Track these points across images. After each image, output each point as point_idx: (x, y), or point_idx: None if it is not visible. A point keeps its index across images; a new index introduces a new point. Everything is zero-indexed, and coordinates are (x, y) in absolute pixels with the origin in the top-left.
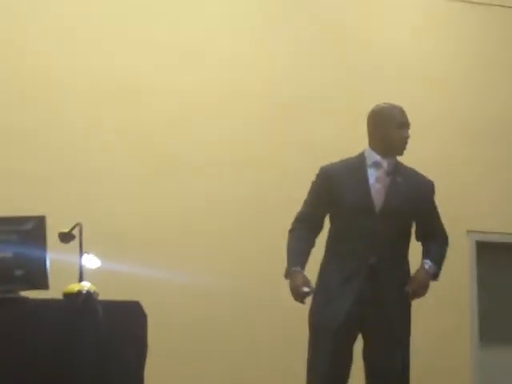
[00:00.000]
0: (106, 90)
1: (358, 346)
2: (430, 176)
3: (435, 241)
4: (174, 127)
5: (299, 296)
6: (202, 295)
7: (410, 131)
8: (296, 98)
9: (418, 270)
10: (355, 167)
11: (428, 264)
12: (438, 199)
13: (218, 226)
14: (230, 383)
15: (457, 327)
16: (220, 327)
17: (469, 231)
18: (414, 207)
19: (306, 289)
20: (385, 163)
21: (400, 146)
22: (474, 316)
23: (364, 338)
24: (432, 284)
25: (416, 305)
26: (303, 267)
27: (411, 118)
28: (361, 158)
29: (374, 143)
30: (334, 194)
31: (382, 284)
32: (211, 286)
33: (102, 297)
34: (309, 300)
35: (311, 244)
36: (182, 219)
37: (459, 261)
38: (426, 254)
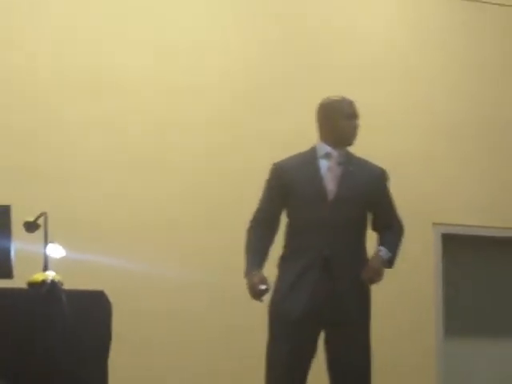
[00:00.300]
0: (75, 81)
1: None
2: (397, 169)
3: (390, 230)
4: (141, 118)
5: (256, 294)
6: (170, 285)
7: (360, 121)
8: (258, 90)
9: (372, 257)
10: (307, 160)
11: (382, 251)
12: (404, 192)
13: (186, 217)
14: (201, 373)
15: (422, 319)
16: (191, 317)
17: (434, 224)
18: (367, 196)
19: (262, 286)
20: (335, 153)
21: (350, 136)
22: (439, 308)
23: (324, 330)
24: (397, 276)
25: (381, 297)
26: (261, 266)
27: (377, 111)
28: (312, 151)
29: (324, 135)
30: (288, 188)
31: (338, 275)
32: (179, 275)
33: (66, 286)
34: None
35: (269, 242)
36: (148, 209)
37: (425, 253)
38: (380, 242)
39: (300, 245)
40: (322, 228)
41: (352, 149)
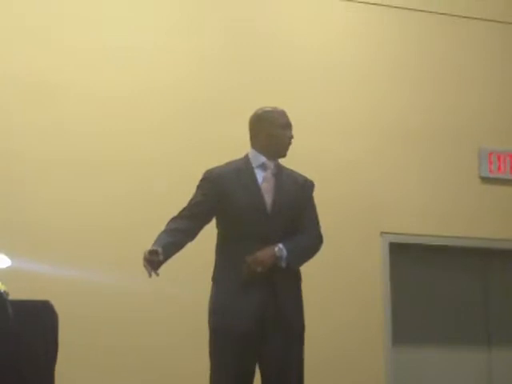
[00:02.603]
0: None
1: None
2: (345, 178)
3: (303, 235)
4: (87, 122)
5: (145, 258)
6: (116, 294)
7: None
8: (205, 98)
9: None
10: (242, 169)
11: (278, 247)
12: (353, 201)
13: (133, 223)
14: (151, 379)
15: (370, 328)
16: (140, 324)
17: (382, 233)
18: (298, 206)
19: (153, 247)
20: (271, 165)
21: (284, 146)
22: (388, 317)
23: (261, 338)
24: (345, 284)
25: (329, 305)
26: (164, 249)
27: (327, 118)
28: (246, 160)
29: (258, 146)
30: (223, 197)
31: (279, 284)
32: (127, 283)
33: (12, 296)
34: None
35: (186, 237)
36: (92, 217)
37: (373, 262)
38: (284, 240)
39: (238, 255)
40: (262, 237)
41: (303, 155)
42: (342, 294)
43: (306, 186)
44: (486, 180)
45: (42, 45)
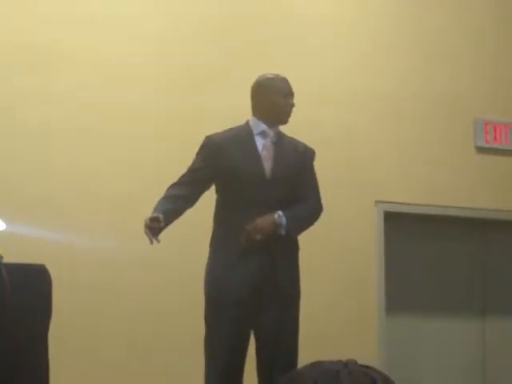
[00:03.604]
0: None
1: None
2: (339, 147)
3: (303, 204)
4: (78, 87)
5: (145, 225)
6: (110, 259)
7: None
8: (203, 66)
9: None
10: (242, 136)
11: (278, 214)
12: (347, 170)
13: (120, 193)
14: (143, 346)
15: (364, 296)
16: (133, 291)
17: (377, 201)
18: (297, 175)
19: (154, 214)
20: (271, 132)
21: (285, 114)
22: (381, 285)
23: (257, 308)
24: (340, 252)
25: (324, 273)
26: (165, 215)
27: (325, 87)
28: (247, 127)
29: (259, 113)
30: (223, 163)
31: (277, 252)
32: (119, 249)
33: (6, 260)
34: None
35: (185, 204)
36: (90, 182)
37: (367, 231)
38: (285, 208)
39: (236, 222)
40: (260, 206)
41: (299, 124)
42: (336, 262)
43: (307, 154)
44: (481, 150)
45: (32, 9)
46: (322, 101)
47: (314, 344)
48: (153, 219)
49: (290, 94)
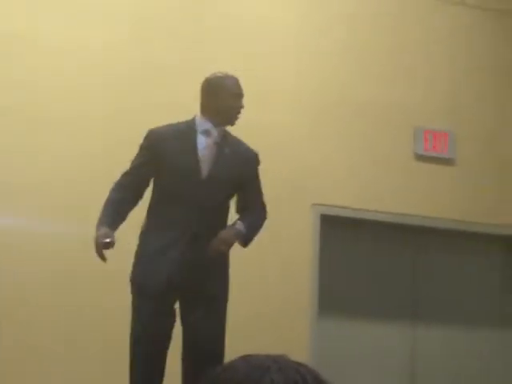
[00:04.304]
0: None
1: None
2: (279, 148)
3: (252, 211)
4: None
5: (98, 247)
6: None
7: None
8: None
9: (225, 229)
10: (185, 132)
11: (238, 224)
12: (285, 172)
13: (80, 178)
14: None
15: (297, 299)
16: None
17: (313, 204)
18: (238, 178)
19: (106, 239)
20: (215, 132)
21: (233, 116)
22: (315, 289)
23: (181, 302)
24: (275, 255)
25: (258, 275)
26: (112, 226)
27: (262, 87)
28: (191, 124)
29: (206, 111)
30: (161, 157)
31: (201, 251)
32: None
33: None
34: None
35: (128, 206)
36: (41, 168)
37: (303, 233)
38: (239, 219)
39: (165, 218)
40: (192, 203)
41: (244, 124)
42: (271, 264)
43: (251, 158)
44: (420, 157)
45: None
46: (262, 103)
47: (246, 344)
48: (106, 244)
49: (239, 94)
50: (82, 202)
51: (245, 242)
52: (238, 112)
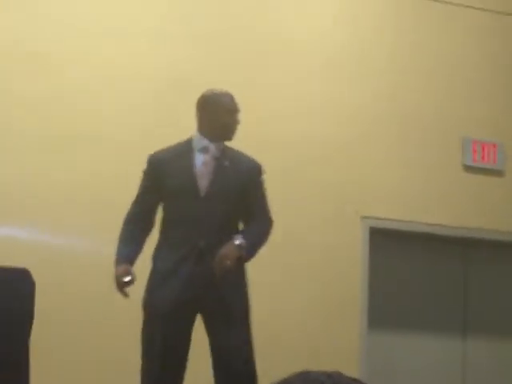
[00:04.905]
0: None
1: None
2: (325, 159)
3: (255, 222)
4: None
5: (119, 285)
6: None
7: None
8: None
9: (226, 244)
10: (183, 152)
11: (237, 238)
12: (334, 184)
13: (109, 192)
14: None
15: (346, 312)
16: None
17: (363, 217)
18: (240, 191)
19: (125, 278)
20: (212, 148)
21: (230, 131)
22: (364, 301)
23: (204, 321)
24: (325, 267)
25: (308, 288)
26: (129, 258)
27: (309, 100)
28: (189, 143)
29: (202, 128)
30: (161, 180)
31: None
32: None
33: None
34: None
35: (143, 235)
36: (73, 186)
37: (352, 246)
38: (241, 232)
39: (173, 237)
40: (195, 221)
41: (287, 139)
42: (320, 277)
43: (253, 169)
44: (469, 169)
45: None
46: (310, 116)
47: (295, 358)
48: (127, 283)
49: (234, 110)
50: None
51: (248, 255)
52: (234, 127)
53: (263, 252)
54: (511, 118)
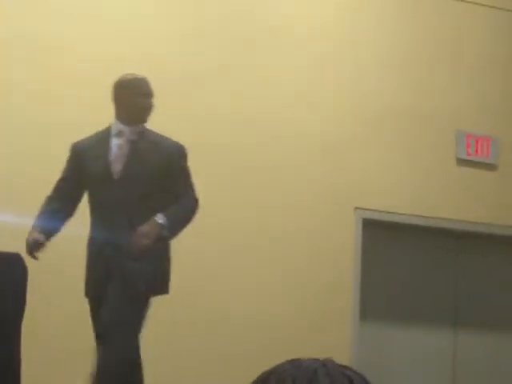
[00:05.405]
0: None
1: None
2: (321, 151)
3: (178, 203)
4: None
5: (28, 248)
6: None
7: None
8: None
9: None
10: (101, 138)
11: (158, 216)
12: (327, 176)
13: None
14: None
15: (338, 303)
16: None
17: (356, 208)
18: (158, 173)
19: (36, 236)
20: (127, 131)
21: (143, 114)
22: (356, 293)
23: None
24: (317, 257)
25: (301, 280)
26: (45, 232)
27: (306, 93)
28: (107, 128)
29: (118, 112)
30: (81, 168)
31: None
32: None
33: None
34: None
35: (61, 216)
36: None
37: (345, 237)
38: (164, 211)
39: (95, 220)
40: (111, 205)
41: (283, 132)
42: (312, 268)
43: (175, 152)
44: (462, 162)
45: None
46: (305, 110)
47: (285, 347)
48: (35, 246)
49: (147, 93)
50: None
51: (170, 233)
52: (147, 110)
53: (254, 243)
54: (505, 112)
